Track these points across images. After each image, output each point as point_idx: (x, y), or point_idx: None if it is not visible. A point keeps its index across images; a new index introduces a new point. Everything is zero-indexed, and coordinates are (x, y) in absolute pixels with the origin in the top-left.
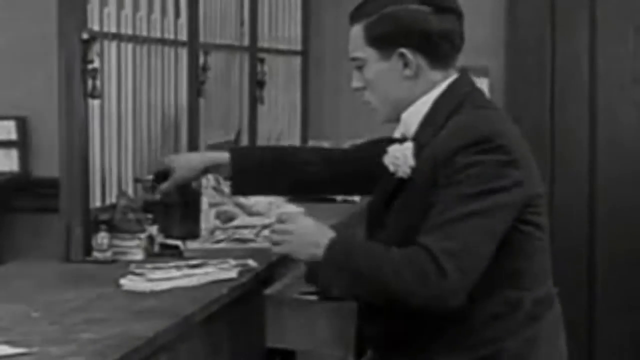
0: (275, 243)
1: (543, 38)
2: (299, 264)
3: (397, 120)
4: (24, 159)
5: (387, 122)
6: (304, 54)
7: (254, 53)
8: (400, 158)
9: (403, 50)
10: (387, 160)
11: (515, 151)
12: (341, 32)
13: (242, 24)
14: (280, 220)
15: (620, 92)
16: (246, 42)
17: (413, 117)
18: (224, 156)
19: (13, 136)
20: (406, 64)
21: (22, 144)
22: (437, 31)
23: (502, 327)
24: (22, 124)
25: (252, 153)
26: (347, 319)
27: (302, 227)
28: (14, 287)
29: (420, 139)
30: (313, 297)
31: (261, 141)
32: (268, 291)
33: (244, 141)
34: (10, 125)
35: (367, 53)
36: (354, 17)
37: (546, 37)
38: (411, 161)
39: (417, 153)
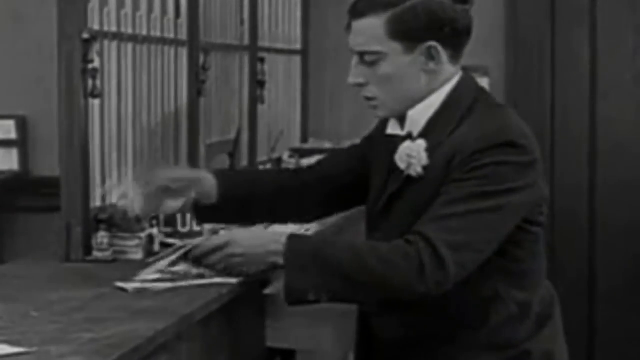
0: (229, 270)
1: (543, 37)
2: None
3: (397, 116)
4: (23, 158)
5: (388, 117)
6: (304, 53)
7: (254, 52)
8: (414, 156)
9: (433, 43)
10: (399, 157)
11: (534, 152)
12: (342, 30)
13: (242, 23)
14: (216, 248)
15: (621, 91)
16: (246, 41)
17: (420, 114)
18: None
19: (13, 135)
20: (432, 57)
21: (22, 143)
22: (462, 24)
23: (519, 328)
24: (22, 123)
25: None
26: (347, 318)
27: (244, 242)
28: (14, 286)
29: (431, 138)
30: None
31: (261, 141)
32: (268, 290)
33: (244, 140)
34: (10, 124)
35: (389, 47)
36: (368, 9)
37: (546, 36)
38: (425, 160)
39: (430, 152)
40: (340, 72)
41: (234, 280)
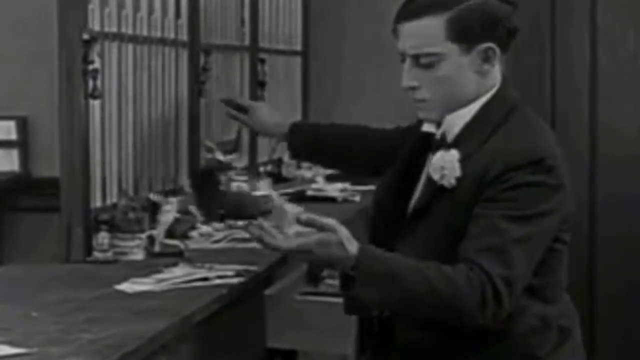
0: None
1: (543, 37)
2: (298, 264)
3: (442, 119)
4: (24, 159)
5: (433, 121)
6: (305, 54)
7: (255, 53)
8: (447, 168)
9: (491, 44)
10: (432, 168)
11: (563, 173)
12: (342, 31)
13: (242, 23)
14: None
15: (621, 91)
16: (247, 42)
17: (458, 119)
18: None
19: (13, 136)
20: (487, 59)
21: (23, 143)
22: (513, 24)
23: (540, 342)
24: (23, 124)
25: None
26: (347, 318)
27: (322, 248)
28: (14, 287)
29: (464, 147)
30: (313, 297)
31: (262, 141)
32: (268, 291)
33: (245, 141)
34: (11, 125)
35: (448, 48)
36: (425, 9)
37: (546, 36)
38: (458, 172)
39: (462, 162)
40: (341, 72)
41: (234, 281)
